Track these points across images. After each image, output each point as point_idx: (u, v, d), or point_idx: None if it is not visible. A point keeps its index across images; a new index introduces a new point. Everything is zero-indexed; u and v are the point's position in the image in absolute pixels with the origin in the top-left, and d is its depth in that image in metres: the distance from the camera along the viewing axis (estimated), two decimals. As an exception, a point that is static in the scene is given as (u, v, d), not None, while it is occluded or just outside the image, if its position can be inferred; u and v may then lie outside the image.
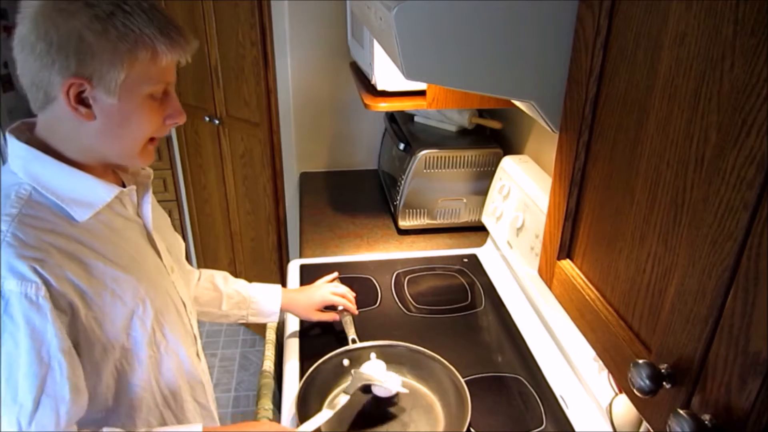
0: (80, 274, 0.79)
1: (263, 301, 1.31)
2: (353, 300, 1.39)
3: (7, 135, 0.83)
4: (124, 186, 0.92)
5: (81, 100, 0.78)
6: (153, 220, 0.96)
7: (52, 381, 0.76)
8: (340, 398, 1.10)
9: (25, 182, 0.80)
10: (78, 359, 0.80)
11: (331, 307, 1.37)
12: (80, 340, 0.80)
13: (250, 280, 1.35)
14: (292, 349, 1.34)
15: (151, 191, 0.97)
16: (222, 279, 1.29)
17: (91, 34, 0.75)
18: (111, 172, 0.93)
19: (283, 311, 1.34)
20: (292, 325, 1.41)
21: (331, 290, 1.36)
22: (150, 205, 0.96)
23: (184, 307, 1.01)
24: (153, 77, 0.81)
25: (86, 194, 0.83)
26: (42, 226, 0.78)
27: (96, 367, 0.84)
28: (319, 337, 1.36)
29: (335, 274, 1.46)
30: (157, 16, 0.79)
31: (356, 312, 1.37)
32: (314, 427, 1.02)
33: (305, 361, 1.27)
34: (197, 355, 1.05)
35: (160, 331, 0.92)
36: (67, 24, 0.74)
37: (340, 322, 1.35)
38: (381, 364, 1.20)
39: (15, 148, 0.82)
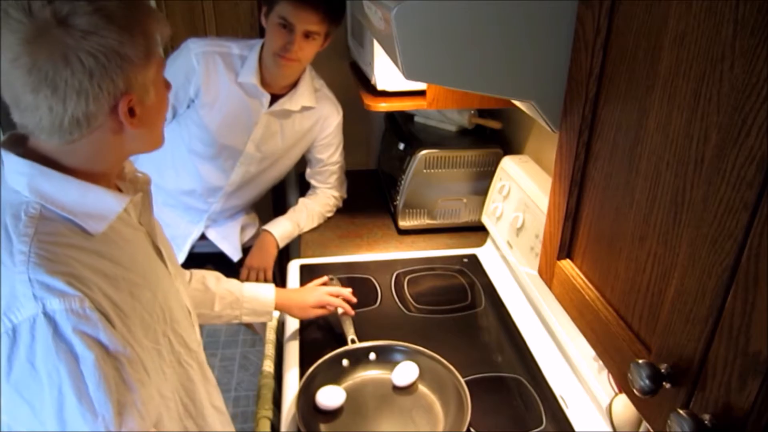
0: (107, 288, 0.75)
1: (256, 300, 1.29)
2: (350, 297, 1.38)
3: (3, 152, 0.77)
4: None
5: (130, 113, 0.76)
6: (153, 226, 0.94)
7: (122, 381, 0.73)
8: None
9: (32, 200, 0.75)
10: (136, 357, 0.77)
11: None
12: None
13: (250, 280, 1.35)
14: (292, 350, 1.34)
15: (150, 197, 0.94)
16: (214, 279, 1.26)
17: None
18: (112, 182, 0.89)
19: (277, 310, 1.33)
20: (292, 325, 1.40)
21: (325, 290, 1.36)
22: (152, 212, 0.93)
23: (189, 314, 0.98)
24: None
25: (97, 206, 0.79)
26: (62, 241, 0.74)
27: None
28: (319, 338, 1.36)
29: (325, 278, 1.44)
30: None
31: (353, 312, 1.36)
32: None
33: (305, 361, 1.26)
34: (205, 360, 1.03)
35: (180, 341, 0.90)
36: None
37: (339, 323, 1.35)
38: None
39: (15, 164, 0.76)
